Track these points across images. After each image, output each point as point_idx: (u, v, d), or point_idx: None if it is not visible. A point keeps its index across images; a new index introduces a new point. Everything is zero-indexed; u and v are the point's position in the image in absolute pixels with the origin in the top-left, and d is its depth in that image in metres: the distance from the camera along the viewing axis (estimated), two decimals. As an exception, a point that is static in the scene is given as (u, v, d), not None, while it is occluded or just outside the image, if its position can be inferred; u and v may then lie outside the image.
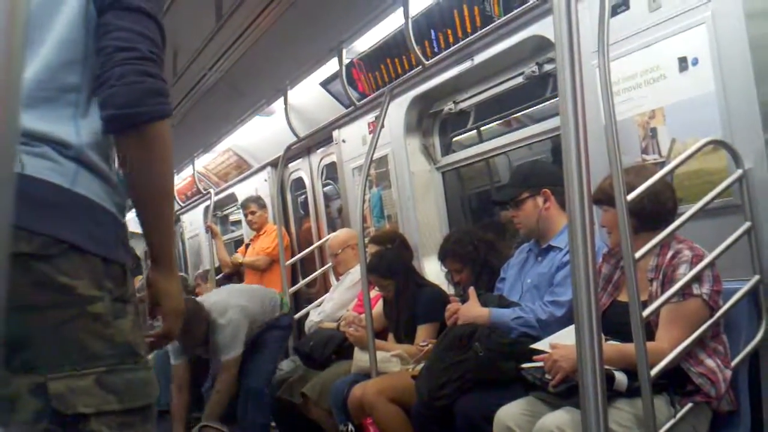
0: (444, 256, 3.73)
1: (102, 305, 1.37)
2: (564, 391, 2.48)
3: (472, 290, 3.22)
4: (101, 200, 1.43)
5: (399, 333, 3.98)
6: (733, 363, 2.49)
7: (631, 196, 2.35)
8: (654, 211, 2.57)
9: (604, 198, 2.59)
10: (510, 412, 2.63)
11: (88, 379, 1.34)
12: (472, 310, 3.14)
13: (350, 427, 3.55)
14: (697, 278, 2.45)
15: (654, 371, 2.30)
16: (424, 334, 3.73)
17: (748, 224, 2.59)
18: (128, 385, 1.39)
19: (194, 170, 7.92)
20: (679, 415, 2.38)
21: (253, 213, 6.46)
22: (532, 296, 3.12)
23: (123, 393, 1.37)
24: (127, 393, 1.38)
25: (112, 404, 1.35)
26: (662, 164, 2.80)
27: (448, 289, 4.02)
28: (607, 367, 2.29)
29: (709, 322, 2.44)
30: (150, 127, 1.44)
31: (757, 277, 2.58)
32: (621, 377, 2.41)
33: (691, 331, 2.41)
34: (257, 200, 6.54)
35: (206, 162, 7.78)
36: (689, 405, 2.41)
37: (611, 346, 2.46)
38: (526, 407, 2.63)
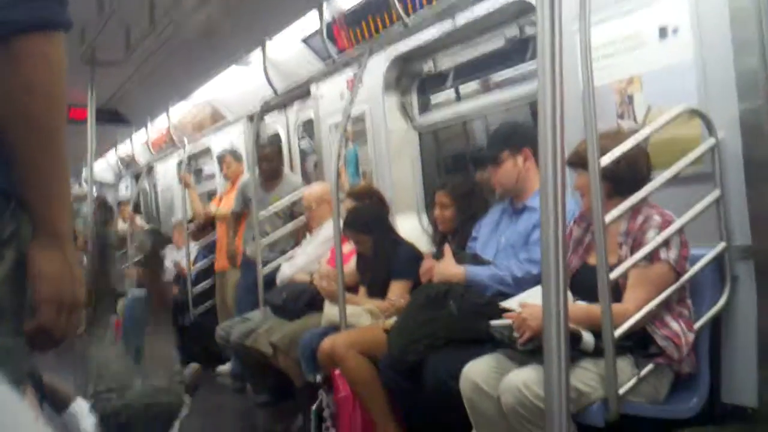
0: (441, 186, 3.77)
1: None
2: (531, 350, 2.53)
3: (447, 248, 3.25)
4: None
5: (373, 289, 4.01)
6: (696, 327, 2.55)
7: (604, 160, 2.39)
8: (629, 177, 2.61)
9: (578, 161, 2.62)
10: (477, 369, 2.68)
11: None
12: (447, 268, 3.17)
13: (318, 378, 3.59)
14: (665, 243, 2.50)
15: (618, 332, 2.36)
16: (397, 290, 3.77)
17: (717, 192, 2.64)
18: None
19: (169, 120, 7.84)
20: (641, 374, 2.45)
21: (228, 166, 6.44)
22: (507, 255, 3.15)
23: None
24: None
25: None
26: (637, 131, 2.83)
27: (424, 245, 4.06)
28: (574, 327, 2.34)
29: (674, 286, 2.50)
30: (19, 41, 1.11)
31: (723, 245, 2.64)
32: (588, 337, 2.46)
33: (657, 295, 2.47)
34: (233, 152, 6.52)
35: (182, 113, 7.70)
36: (651, 366, 2.48)
37: (579, 306, 2.52)
38: (493, 364, 2.68)
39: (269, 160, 5.72)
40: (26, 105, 1.15)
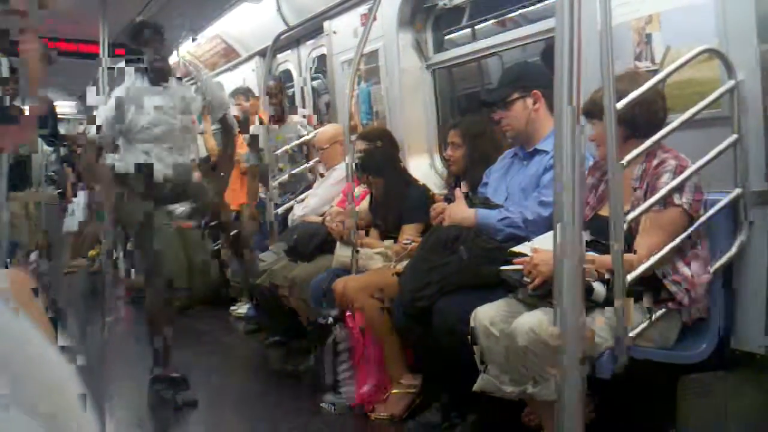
0: (454, 125, 3.74)
1: None
2: (542, 294, 2.51)
3: (458, 192, 3.22)
4: None
5: (384, 231, 4.01)
6: (708, 273, 2.53)
7: (621, 104, 2.34)
8: (645, 120, 2.56)
9: (594, 110, 2.56)
10: (487, 312, 2.68)
11: None
12: (458, 211, 3.14)
13: (331, 315, 3.62)
14: (679, 188, 2.46)
15: (630, 277, 2.34)
16: (409, 233, 3.76)
17: (734, 137, 2.58)
18: None
19: (178, 56, 7.75)
20: (652, 319, 2.43)
21: (240, 104, 6.39)
22: (518, 198, 3.11)
23: None
24: None
25: None
26: (655, 72, 2.77)
27: (436, 187, 4.04)
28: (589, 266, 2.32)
29: (687, 232, 2.47)
30: None
31: (738, 190, 2.59)
32: (599, 288, 2.43)
33: (669, 240, 2.45)
34: (246, 92, 6.46)
35: (193, 48, 7.61)
36: (661, 311, 2.47)
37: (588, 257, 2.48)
38: (503, 308, 2.68)
39: (274, 95, 5.70)
40: None
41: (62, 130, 6.35)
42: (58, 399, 0.45)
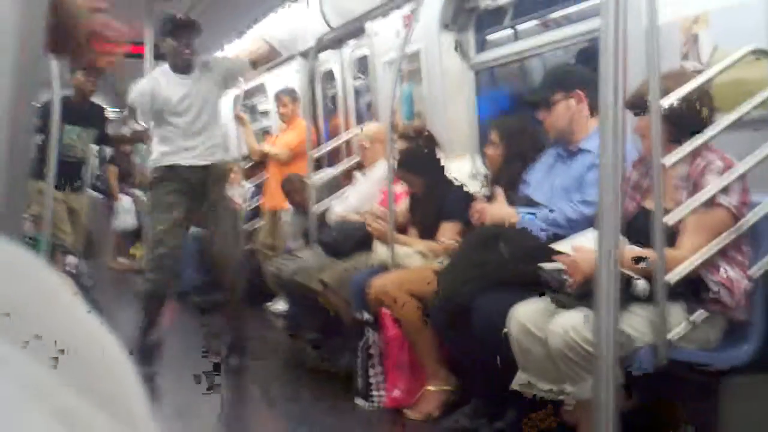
0: (494, 125, 3.74)
1: None
2: (582, 293, 2.50)
3: (499, 190, 3.22)
4: None
5: (423, 229, 4.01)
6: (753, 274, 2.49)
7: (666, 102, 2.32)
8: (690, 120, 2.53)
9: (639, 103, 2.54)
10: (525, 310, 2.67)
11: None
12: (499, 209, 3.14)
13: (367, 316, 3.63)
14: (725, 189, 2.43)
15: (671, 277, 2.31)
16: (447, 231, 3.76)
17: (782, 138, 2.54)
18: None
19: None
20: (692, 320, 2.40)
21: (285, 105, 6.45)
22: (560, 198, 3.09)
23: None
24: None
25: None
26: (701, 72, 2.73)
27: (476, 188, 4.03)
28: (627, 272, 2.31)
29: (733, 235, 2.43)
30: None
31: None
32: (642, 283, 2.42)
33: (712, 242, 2.41)
34: (291, 93, 6.51)
35: (238, 50, 7.69)
36: (703, 312, 2.43)
37: (630, 251, 2.46)
38: (542, 306, 2.66)
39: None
40: None
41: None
42: (117, 380, 0.46)
